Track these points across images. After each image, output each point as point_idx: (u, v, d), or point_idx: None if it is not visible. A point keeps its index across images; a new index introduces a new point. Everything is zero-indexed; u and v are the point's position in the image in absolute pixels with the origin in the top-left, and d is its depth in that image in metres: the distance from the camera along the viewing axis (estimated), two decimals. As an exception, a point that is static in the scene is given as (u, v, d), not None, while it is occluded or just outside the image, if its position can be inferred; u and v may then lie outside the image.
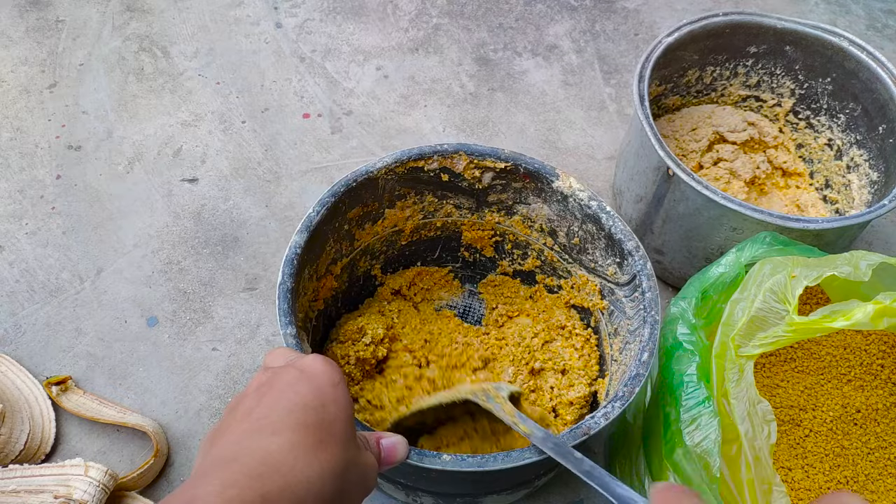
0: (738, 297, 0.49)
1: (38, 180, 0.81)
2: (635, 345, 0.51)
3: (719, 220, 0.62)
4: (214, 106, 0.89)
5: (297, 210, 0.80)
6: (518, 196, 0.61)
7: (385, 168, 0.56)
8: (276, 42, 0.96)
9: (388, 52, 0.96)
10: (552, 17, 1.02)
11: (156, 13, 0.99)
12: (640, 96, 0.66)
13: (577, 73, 0.95)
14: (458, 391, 0.51)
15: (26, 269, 0.74)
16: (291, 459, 0.31)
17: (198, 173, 0.82)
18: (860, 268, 0.48)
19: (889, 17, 1.05)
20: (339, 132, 0.88)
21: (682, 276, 0.71)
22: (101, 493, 0.55)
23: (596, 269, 0.59)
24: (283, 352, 0.40)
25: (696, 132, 0.78)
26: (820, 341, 0.58)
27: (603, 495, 0.39)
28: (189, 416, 0.65)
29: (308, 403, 0.33)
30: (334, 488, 0.32)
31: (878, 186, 0.71)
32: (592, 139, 0.88)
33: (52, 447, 0.62)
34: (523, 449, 0.43)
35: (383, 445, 0.39)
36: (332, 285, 0.60)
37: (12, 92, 0.89)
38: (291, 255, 0.50)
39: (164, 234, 0.77)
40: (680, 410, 0.47)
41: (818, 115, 0.78)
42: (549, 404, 0.61)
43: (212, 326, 0.71)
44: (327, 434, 0.33)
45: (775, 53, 0.76)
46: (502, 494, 0.55)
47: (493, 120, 0.90)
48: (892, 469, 0.54)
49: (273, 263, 0.75)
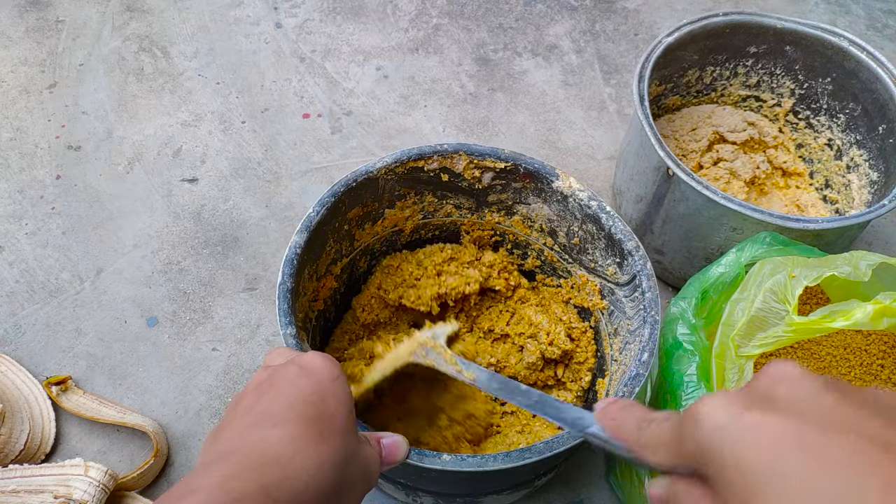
0: (738, 297, 0.49)
1: (38, 180, 0.81)
2: (635, 345, 0.51)
3: (719, 220, 0.62)
4: (214, 106, 0.89)
5: (297, 210, 0.80)
6: (518, 196, 0.61)
7: (385, 168, 0.56)
8: (276, 42, 0.96)
9: (388, 53, 0.96)
10: (552, 17, 1.02)
11: (156, 13, 0.99)
12: (640, 96, 0.66)
13: (577, 73, 0.95)
14: (398, 356, 0.50)
15: (26, 269, 0.74)
16: (291, 451, 0.31)
17: (198, 173, 0.82)
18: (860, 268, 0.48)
19: (889, 17, 1.05)
20: (339, 132, 0.88)
21: (682, 276, 0.71)
22: (101, 493, 0.55)
23: (596, 269, 0.59)
24: (284, 351, 0.40)
25: (696, 132, 0.78)
26: (820, 341, 0.58)
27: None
28: (189, 416, 0.65)
29: (308, 397, 0.34)
30: (334, 480, 0.32)
31: (878, 186, 0.71)
32: (592, 139, 0.88)
33: (52, 447, 0.62)
34: (523, 449, 0.43)
35: (384, 445, 0.39)
36: (332, 285, 0.60)
37: (12, 92, 0.89)
38: (291, 255, 0.50)
39: (164, 234, 0.77)
40: (680, 410, 0.47)
41: (818, 115, 0.78)
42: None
43: (212, 326, 0.71)
44: (327, 427, 0.33)
45: (775, 53, 0.76)
46: (502, 494, 0.55)
47: (493, 120, 0.90)
48: (892, 469, 0.54)
49: (273, 263, 0.75)
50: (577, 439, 0.44)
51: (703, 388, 0.47)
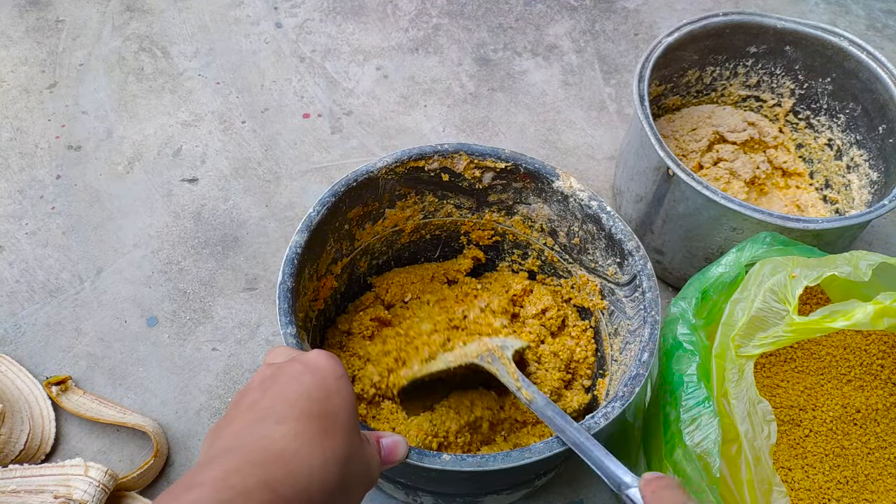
0: (738, 297, 0.49)
1: (38, 180, 0.81)
2: (635, 345, 0.51)
3: (719, 220, 0.62)
4: (214, 106, 0.89)
5: (297, 210, 0.80)
6: (518, 196, 0.61)
7: (385, 168, 0.56)
8: (276, 42, 0.96)
9: (388, 52, 0.96)
10: (552, 17, 1.02)
11: (156, 13, 0.99)
12: (640, 96, 0.66)
13: (577, 73, 0.95)
14: (465, 354, 0.52)
15: (26, 269, 0.74)
16: (295, 447, 0.31)
17: (198, 173, 0.82)
18: (860, 268, 0.48)
19: (889, 17, 1.06)
20: (339, 132, 0.88)
21: (682, 276, 0.71)
22: (101, 493, 0.55)
23: (596, 269, 0.59)
24: (284, 350, 0.40)
25: (696, 132, 0.78)
26: (820, 341, 0.58)
27: (605, 481, 0.40)
28: (189, 416, 0.65)
29: (312, 394, 0.34)
30: (337, 478, 0.32)
31: (878, 186, 0.71)
32: (592, 139, 0.88)
33: (52, 447, 0.62)
34: (523, 449, 0.43)
35: (383, 444, 0.40)
36: (333, 285, 0.60)
37: (12, 92, 0.89)
38: (292, 255, 0.50)
39: (164, 234, 0.77)
40: (680, 410, 0.47)
41: (818, 115, 0.78)
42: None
43: (212, 326, 0.71)
44: (331, 424, 0.33)
45: (775, 53, 0.76)
46: (502, 494, 0.55)
47: (493, 120, 0.90)
48: (892, 469, 0.55)
49: (273, 263, 0.75)
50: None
51: (702, 388, 0.47)
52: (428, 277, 0.66)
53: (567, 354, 0.60)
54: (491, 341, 0.52)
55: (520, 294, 0.64)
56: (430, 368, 0.54)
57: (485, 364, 0.51)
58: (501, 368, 0.50)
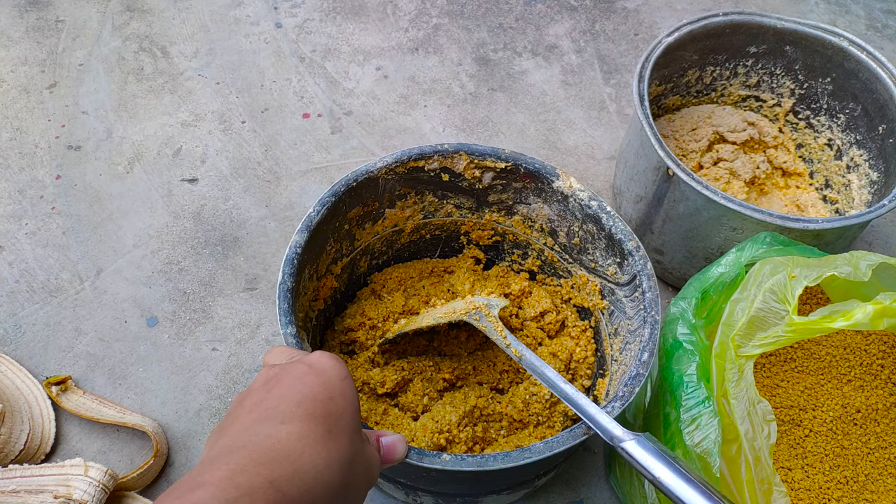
0: (738, 297, 0.49)
1: (38, 180, 0.81)
2: (635, 345, 0.51)
3: (719, 220, 0.62)
4: (214, 106, 0.89)
5: (297, 210, 0.80)
6: (518, 196, 0.61)
7: (385, 168, 0.56)
8: (276, 42, 0.96)
9: (388, 52, 0.96)
10: (552, 17, 1.02)
11: (156, 13, 0.99)
12: (640, 96, 0.66)
13: (577, 73, 0.95)
14: (454, 310, 0.54)
15: (26, 269, 0.74)
16: (300, 447, 0.31)
17: (198, 173, 0.82)
18: (860, 268, 0.48)
19: (889, 17, 1.06)
20: (339, 132, 0.88)
21: (682, 276, 0.71)
22: (101, 493, 0.55)
23: (596, 269, 0.59)
24: (283, 350, 0.40)
25: (696, 132, 0.78)
26: (820, 341, 0.58)
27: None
28: (189, 416, 0.65)
29: (317, 395, 0.34)
30: (341, 478, 0.32)
31: (878, 186, 0.71)
32: (592, 139, 0.88)
33: (52, 447, 0.62)
34: (523, 449, 0.43)
35: (383, 444, 0.40)
36: (333, 285, 0.60)
37: (12, 92, 0.89)
38: (292, 255, 0.50)
39: (164, 234, 0.77)
40: (680, 410, 0.47)
41: (818, 115, 0.78)
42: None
43: (212, 326, 0.71)
44: (335, 425, 0.33)
45: (775, 53, 0.76)
46: (502, 494, 0.55)
47: (493, 120, 0.90)
48: (892, 469, 0.55)
49: (273, 263, 0.75)
50: (577, 439, 0.44)
51: (702, 387, 0.47)
52: (426, 272, 0.67)
53: (567, 354, 0.60)
54: (477, 300, 0.54)
55: (518, 295, 0.64)
56: (418, 323, 0.55)
57: (473, 321, 0.52)
58: (489, 325, 0.52)
